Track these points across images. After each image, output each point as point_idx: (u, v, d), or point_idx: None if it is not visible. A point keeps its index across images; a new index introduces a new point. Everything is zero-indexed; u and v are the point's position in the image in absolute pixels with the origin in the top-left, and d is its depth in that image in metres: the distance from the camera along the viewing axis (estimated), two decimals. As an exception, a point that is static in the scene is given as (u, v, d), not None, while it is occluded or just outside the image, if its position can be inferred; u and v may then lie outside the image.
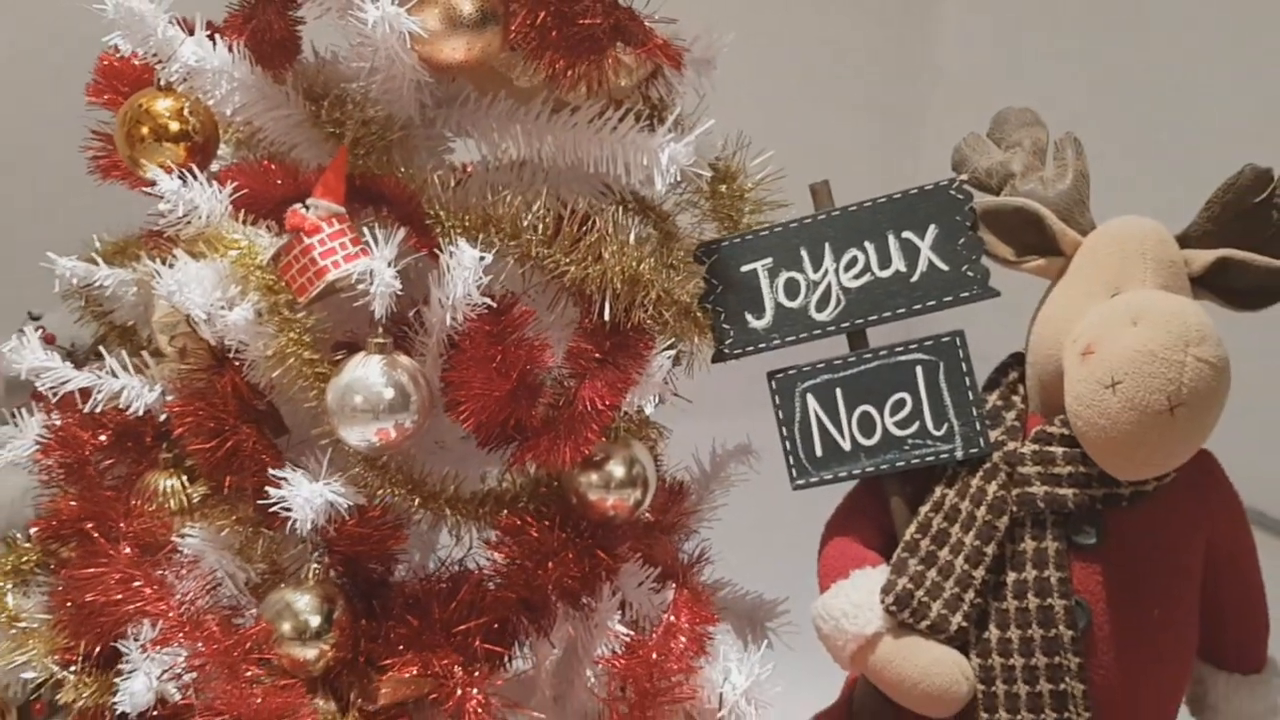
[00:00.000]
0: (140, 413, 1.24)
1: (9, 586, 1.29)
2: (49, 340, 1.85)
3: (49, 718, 1.37)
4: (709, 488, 1.49)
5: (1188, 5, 2.69)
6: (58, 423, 1.30)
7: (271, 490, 1.09)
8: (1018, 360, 1.22)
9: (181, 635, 1.12)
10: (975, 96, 2.81)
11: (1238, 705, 1.24)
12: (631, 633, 1.20)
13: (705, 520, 1.47)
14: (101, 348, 1.27)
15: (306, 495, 1.07)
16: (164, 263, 1.11)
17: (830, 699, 1.38)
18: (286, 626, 1.13)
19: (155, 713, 1.15)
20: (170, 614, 1.13)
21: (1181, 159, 1.10)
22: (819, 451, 1.23)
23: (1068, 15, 3.06)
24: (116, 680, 1.13)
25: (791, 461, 1.24)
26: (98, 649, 1.20)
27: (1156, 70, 2.69)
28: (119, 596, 1.15)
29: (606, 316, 1.16)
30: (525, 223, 1.15)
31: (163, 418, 1.25)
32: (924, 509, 1.18)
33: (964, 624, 1.13)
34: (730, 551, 1.47)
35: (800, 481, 1.24)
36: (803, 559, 1.32)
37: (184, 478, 1.24)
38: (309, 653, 1.13)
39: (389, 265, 1.07)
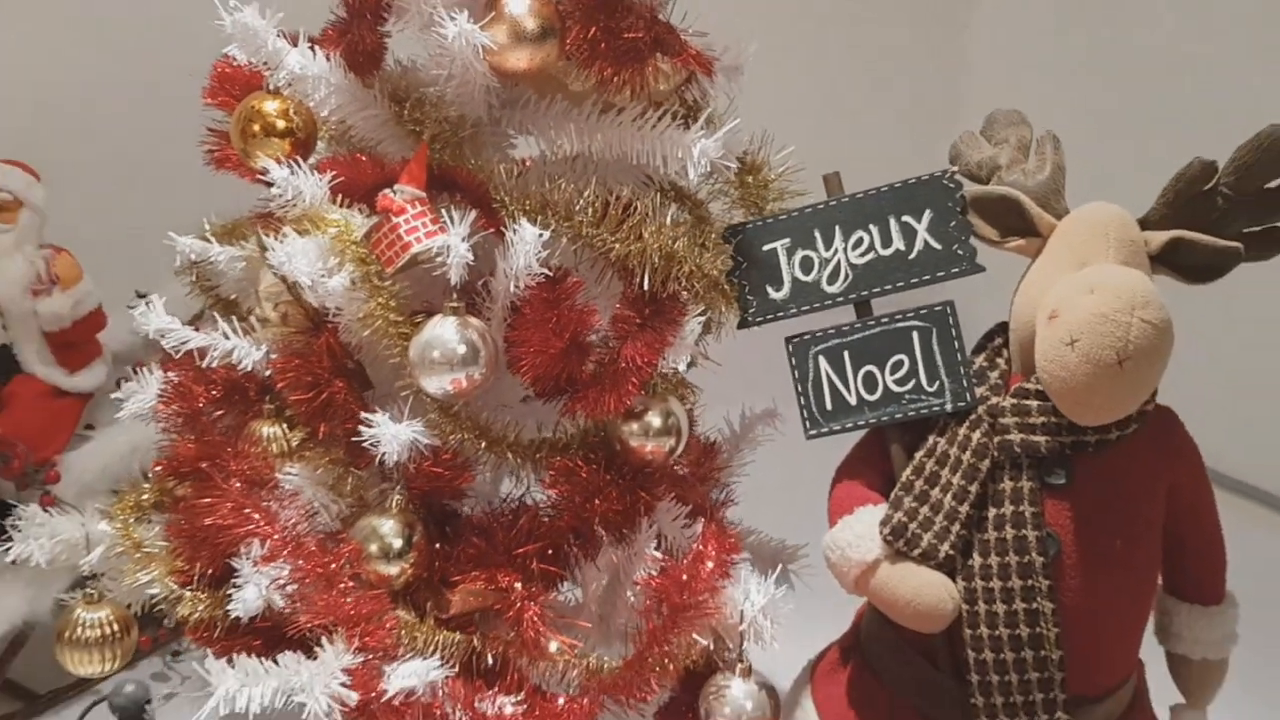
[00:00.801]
0: (247, 370, 1.46)
1: (132, 520, 1.50)
2: (153, 314, 2.09)
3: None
4: (738, 446, 1.68)
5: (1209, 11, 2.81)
6: (175, 379, 1.51)
7: (363, 430, 1.30)
8: (1002, 328, 1.40)
9: (285, 554, 1.32)
10: (1007, 97, 2.98)
11: (1197, 633, 1.42)
12: (666, 559, 1.39)
13: (735, 474, 1.66)
14: (216, 314, 1.47)
15: (393, 433, 1.28)
16: (275, 239, 1.31)
17: (843, 630, 1.57)
18: (374, 547, 1.33)
19: (260, 623, 1.36)
20: (275, 536, 1.33)
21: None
22: (829, 406, 1.42)
23: (1096, 18, 3.17)
24: (228, 594, 1.34)
25: (805, 415, 1.43)
26: (210, 570, 1.41)
27: (1176, 71, 2.82)
28: (232, 522, 1.35)
29: (646, 287, 1.36)
30: (577, 207, 1.35)
31: (265, 374, 1.46)
32: (919, 454, 1.36)
33: (951, 552, 1.31)
34: (758, 502, 1.66)
35: (813, 432, 1.43)
36: (818, 510, 1.50)
37: (284, 425, 1.45)
38: (392, 569, 1.34)
39: (463, 241, 1.28)
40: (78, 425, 2.01)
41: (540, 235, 1.29)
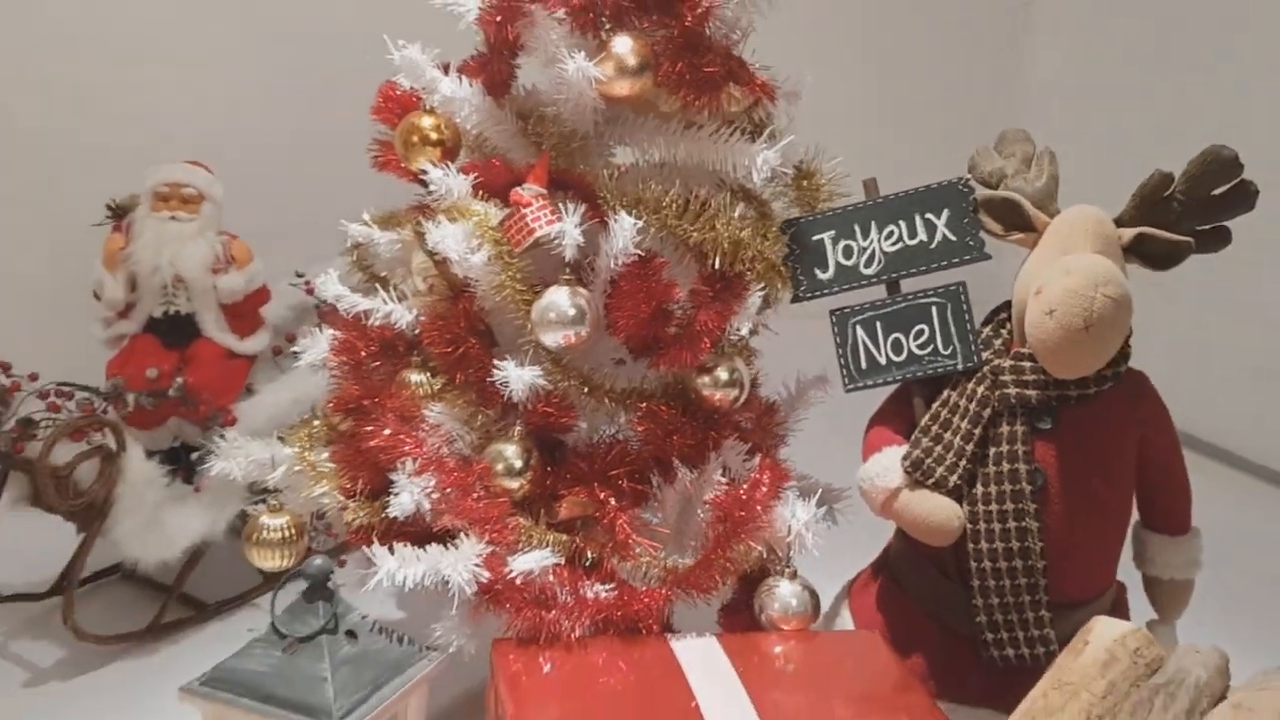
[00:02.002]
0: (400, 329, 1.83)
1: (307, 447, 1.88)
2: (310, 290, 2.49)
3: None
4: (794, 406, 2.01)
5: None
6: (341, 336, 1.89)
7: (495, 375, 1.66)
8: (1006, 305, 1.72)
9: (431, 470, 1.69)
10: (1062, 114, 3.26)
11: (1167, 558, 1.73)
12: (729, 484, 1.74)
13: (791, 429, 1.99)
14: (378, 286, 1.85)
15: (518, 375, 1.64)
16: (431, 225, 1.69)
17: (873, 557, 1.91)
18: (500, 466, 1.70)
19: (408, 528, 1.72)
20: (423, 457, 1.70)
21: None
22: (864, 365, 1.76)
23: (1151, 36, 3.38)
24: (385, 502, 1.71)
25: (844, 372, 1.77)
26: (368, 486, 1.79)
27: (1226, 86, 3.04)
28: (389, 445, 1.72)
29: (717, 268, 1.71)
30: (664, 203, 1.71)
31: (414, 333, 1.83)
32: (935, 405, 1.70)
33: (958, 482, 1.63)
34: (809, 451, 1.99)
35: (850, 386, 1.77)
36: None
37: (428, 374, 1.82)
38: (513, 484, 1.70)
39: (575, 228, 1.64)
40: (245, 383, 2.41)
41: (635, 224, 1.65)
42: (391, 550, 1.63)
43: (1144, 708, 1.25)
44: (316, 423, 1.93)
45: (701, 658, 1.59)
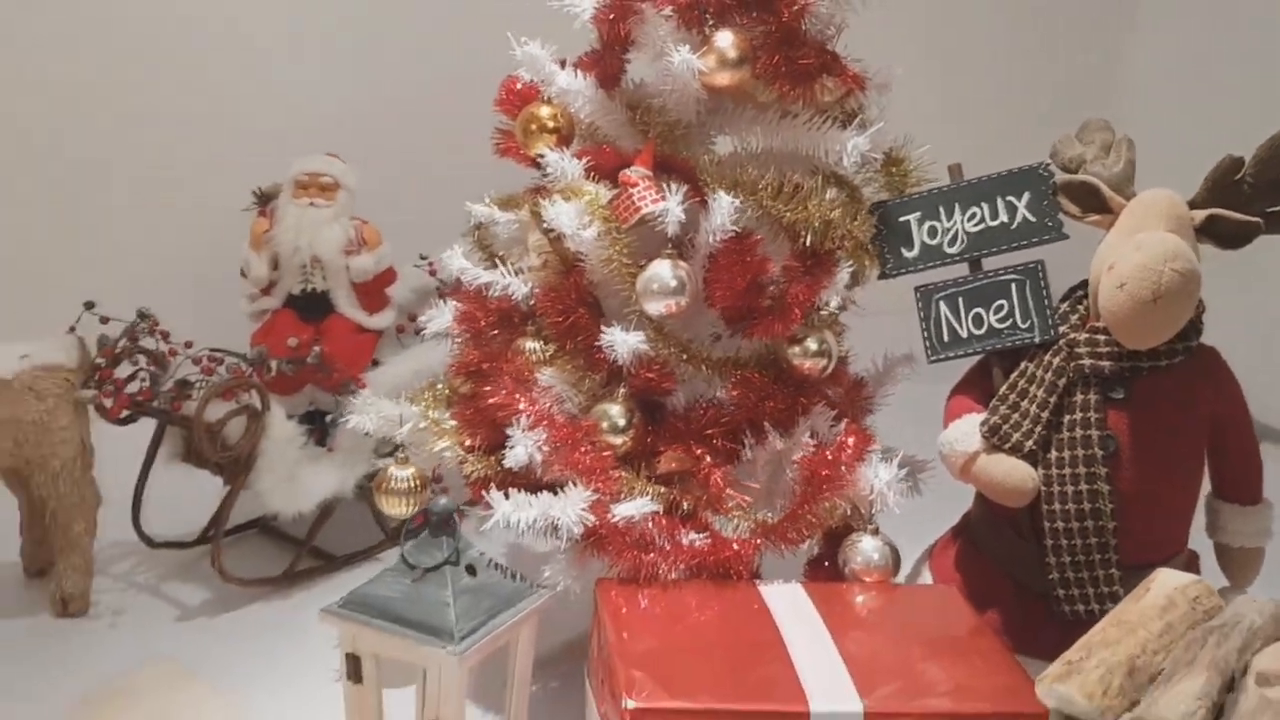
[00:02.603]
0: (516, 301, 2.01)
1: (431, 407, 2.07)
2: (433, 272, 2.69)
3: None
4: (882, 382, 2.13)
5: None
6: (463, 307, 2.08)
7: (602, 341, 1.82)
8: (1083, 284, 1.83)
9: (542, 426, 1.85)
10: (1161, 111, 3.30)
11: (1238, 526, 1.81)
12: (816, 445, 1.87)
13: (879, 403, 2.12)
14: (497, 263, 2.03)
15: (623, 340, 1.80)
16: (547, 205, 1.86)
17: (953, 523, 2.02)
18: (605, 424, 1.86)
19: (520, 479, 1.89)
20: (536, 414, 1.87)
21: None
22: (946, 338, 1.88)
23: (1248, 36, 3.41)
24: (500, 455, 1.88)
25: (927, 345, 1.90)
26: (485, 442, 1.97)
27: None
28: (506, 404, 1.89)
29: (809, 245, 1.85)
30: (760, 185, 1.85)
31: (529, 304, 2.00)
32: (1013, 375, 1.81)
33: (1033, 447, 1.74)
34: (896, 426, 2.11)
35: (933, 358, 1.90)
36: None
37: (541, 341, 1.99)
38: (617, 440, 1.86)
39: (678, 206, 1.80)
40: (372, 355, 2.62)
41: (733, 204, 1.80)
42: (507, 496, 1.81)
43: (1197, 644, 1.35)
44: (439, 386, 2.12)
45: (788, 601, 1.72)
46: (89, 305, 2.30)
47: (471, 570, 1.73)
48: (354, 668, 1.72)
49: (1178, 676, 1.29)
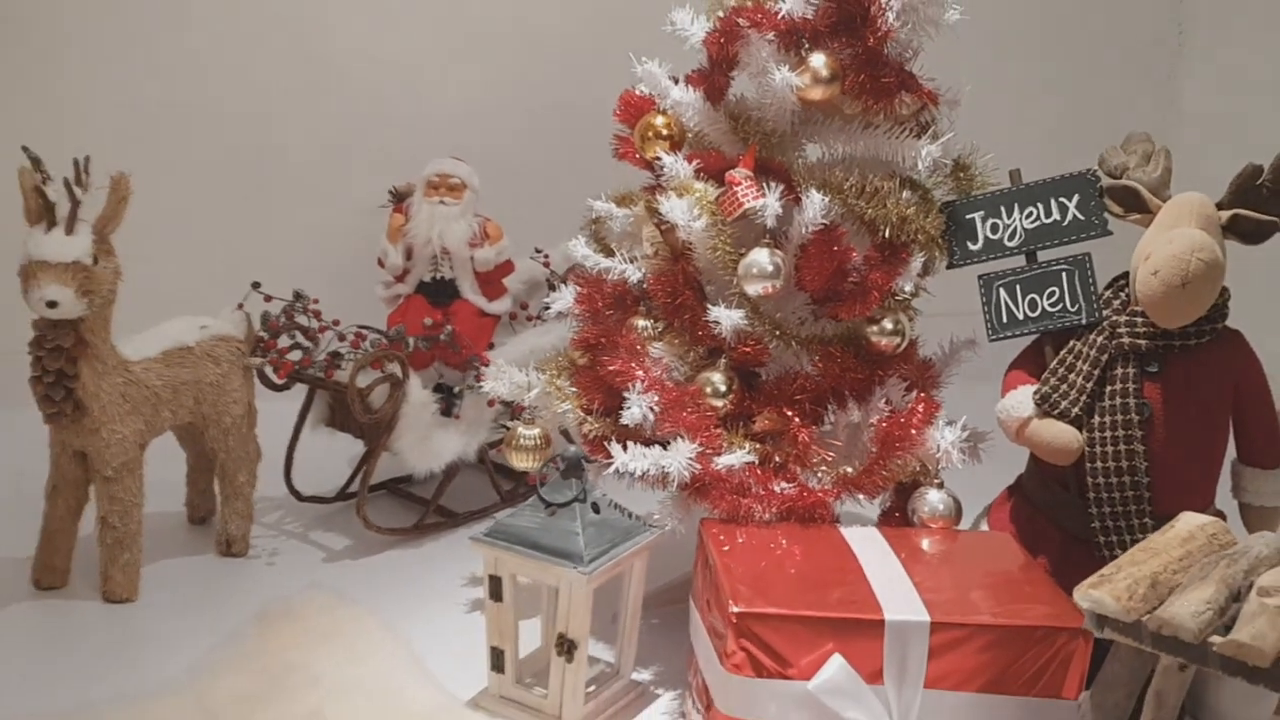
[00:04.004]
0: (630, 285, 2.32)
1: (555, 375, 2.38)
2: (547, 264, 3.03)
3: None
4: (948, 363, 2.41)
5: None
6: (582, 290, 2.39)
7: (708, 318, 2.13)
8: (1124, 274, 2.10)
9: (655, 390, 2.16)
10: (1216, 138, 3.55)
11: (1258, 487, 2.07)
12: (891, 410, 2.17)
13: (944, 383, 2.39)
14: (616, 249, 2.35)
15: (726, 316, 2.11)
16: (661, 201, 2.18)
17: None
18: (708, 389, 2.17)
19: (634, 436, 2.19)
20: (649, 380, 2.18)
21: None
22: (1005, 320, 2.17)
23: None
24: (617, 416, 2.19)
25: (989, 325, 2.18)
26: (602, 406, 2.28)
27: None
28: (623, 371, 2.21)
29: (886, 238, 2.14)
30: (846, 186, 2.15)
31: (641, 287, 2.31)
32: (1063, 352, 2.09)
33: (1079, 413, 2.02)
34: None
35: (994, 337, 2.18)
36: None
37: (652, 320, 2.30)
38: (718, 403, 2.16)
39: (775, 202, 2.11)
40: (491, 337, 2.95)
41: (822, 201, 2.10)
42: (625, 448, 2.12)
43: (1210, 565, 1.62)
44: (560, 358, 2.44)
45: (865, 539, 2.02)
46: (255, 285, 2.66)
47: (596, 508, 2.05)
48: (496, 588, 2.04)
49: (1191, 588, 1.56)
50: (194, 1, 3.30)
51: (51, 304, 2.15)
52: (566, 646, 1.98)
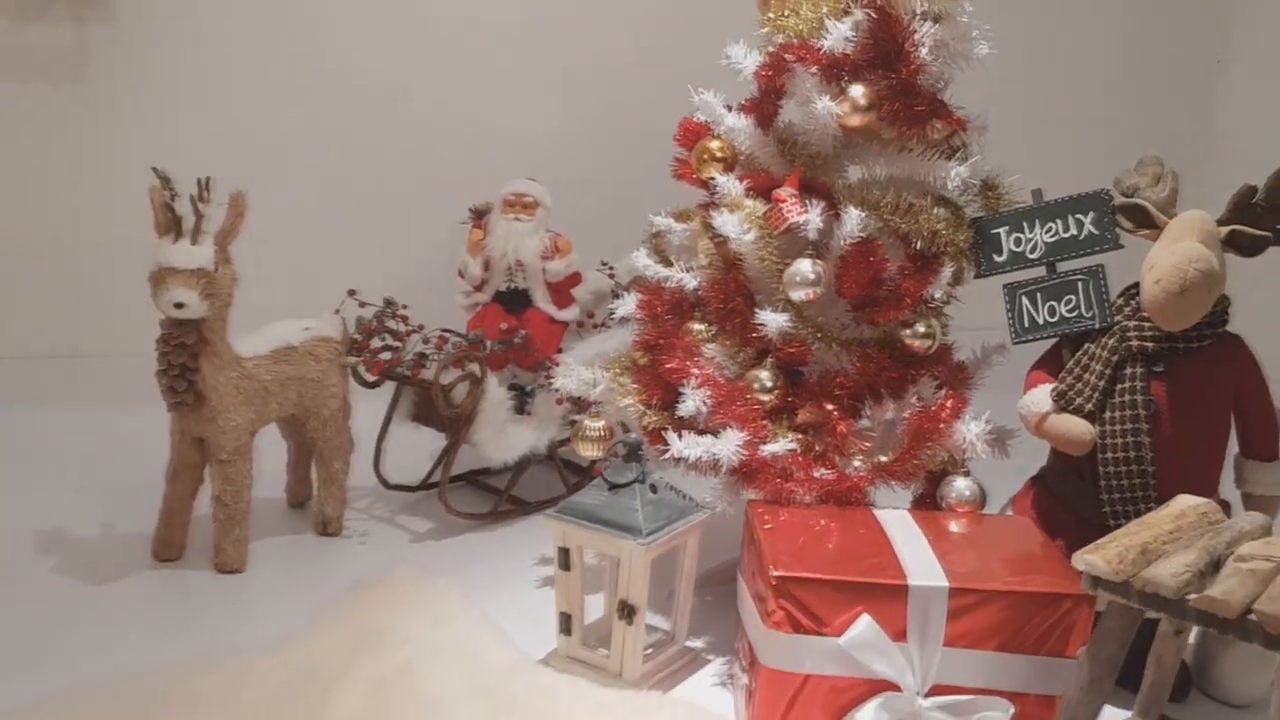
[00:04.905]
0: (686, 292, 2.57)
1: (618, 373, 2.64)
2: (612, 275, 3.29)
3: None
4: (979, 367, 2.63)
5: None
6: (643, 296, 2.65)
7: (756, 322, 2.38)
8: (1136, 283, 2.31)
9: (708, 385, 2.41)
10: (1252, 158, 3.73)
11: (1258, 478, 2.26)
12: (922, 406, 2.39)
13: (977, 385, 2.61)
14: (674, 260, 2.60)
15: (773, 319, 2.36)
16: (715, 217, 2.43)
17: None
18: (756, 385, 2.41)
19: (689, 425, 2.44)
20: (702, 376, 2.43)
21: None
22: (1026, 324, 2.39)
23: None
24: (673, 410, 2.44)
25: (1012, 330, 2.41)
26: (659, 401, 2.53)
27: None
28: (678, 368, 2.46)
29: (918, 250, 2.38)
30: (882, 203, 2.39)
31: (696, 294, 2.57)
32: (1078, 353, 2.30)
33: (1091, 409, 2.23)
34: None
35: (1017, 340, 2.41)
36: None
37: (706, 323, 2.55)
38: (765, 398, 2.40)
39: (817, 217, 2.35)
40: (560, 343, 3.22)
41: (860, 216, 2.34)
42: (680, 436, 2.37)
43: (1195, 536, 1.83)
44: (623, 358, 2.70)
45: (895, 519, 2.24)
46: (351, 293, 2.95)
47: (654, 489, 2.30)
48: (564, 558, 2.29)
49: (1175, 554, 1.77)
50: (297, 40, 3.67)
51: (179, 305, 2.45)
52: (627, 611, 2.23)
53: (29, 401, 3.54)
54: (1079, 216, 2.37)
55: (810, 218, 2.36)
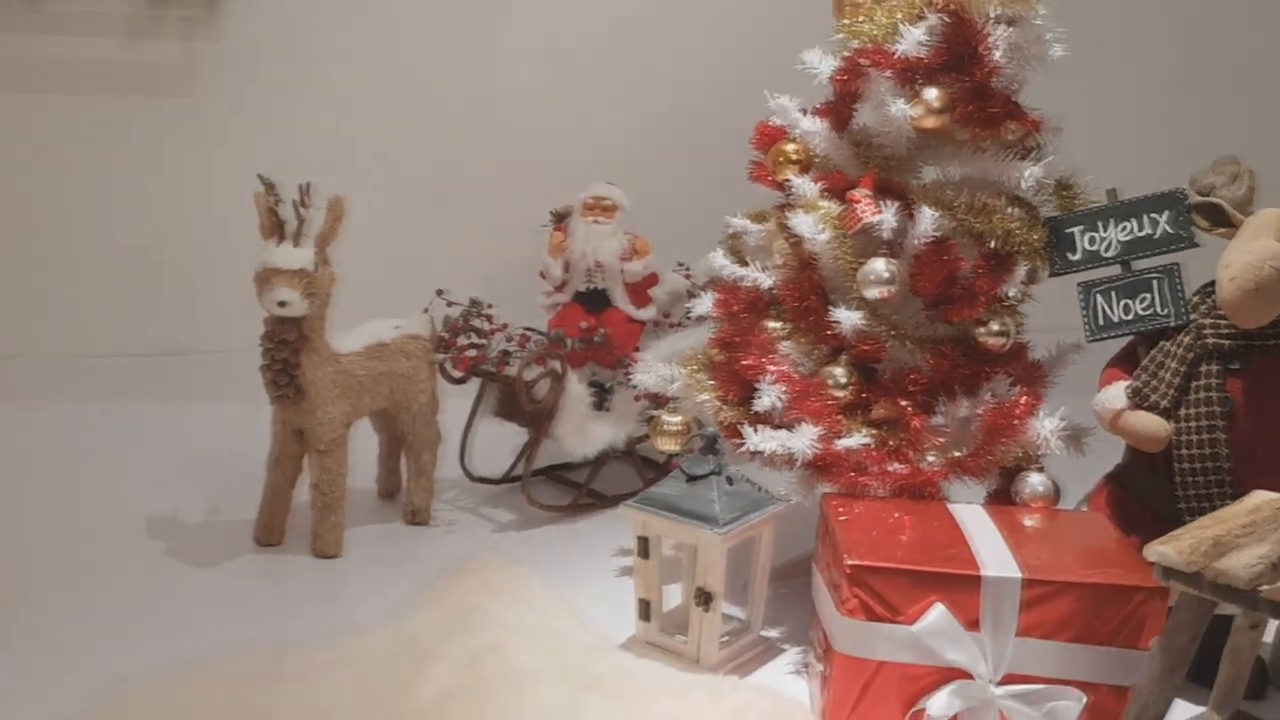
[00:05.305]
0: (761, 291, 2.64)
1: (695, 370, 2.72)
2: (688, 276, 3.37)
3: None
4: (1054, 367, 2.66)
5: None
6: (719, 295, 2.72)
7: (831, 320, 2.44)
8: (1212, 281, 2.32)
9: (783, 381, 2.47)
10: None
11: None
12: (996, 402, 2.43)
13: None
14: (750, 260, 2.67)
15: (847, 317, 2.42)
16: (791, 218, 2.50)
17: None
18: (830, 381, 2.47)
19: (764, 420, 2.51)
20: (778, 372, 2.49)
21: None
22: (1101, 323, 2.42)
23: None
24: (748, 405, 2.51)
25: (1087, 328, 2.44)
26: (735, 396, 2.59)
27: None
28: (755, 365, 2.53)
29: (993, 249, 2.42)
30: (956, 203, 2.44)
31: (772, 293, 2.63)
32: (1153, 351, 2.33)
33: (1167, 406, 2.25)
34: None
35: (1091, 338, 2.44)
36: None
37: (781, 322, 2.61)
38: (839, 394, 2.46)
39: (891, 217, 2.41)
40: (638, 342, 3.31)
41: (934, 216, 2.39)
42: (756, 430, 2.44)
43: (1269, 530, 1.85)
44: (700, 355, 2.77)
45: (969, 513, 2.28)
46: (439, 293, 3.07)
47: (730, 480, 2.37)
48: (644, 547, 2.37)
49: (1249, 547, 1.80)
50: (388, 54, 3.86)
51: (282, 304, 2.58)
52: (704, 598, 2.30)
53: (139, 396, 3.76)
54: (1154, 215, 2.39)
55: (885, 217, 2.42)
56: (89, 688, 2.16)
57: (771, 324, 2.62)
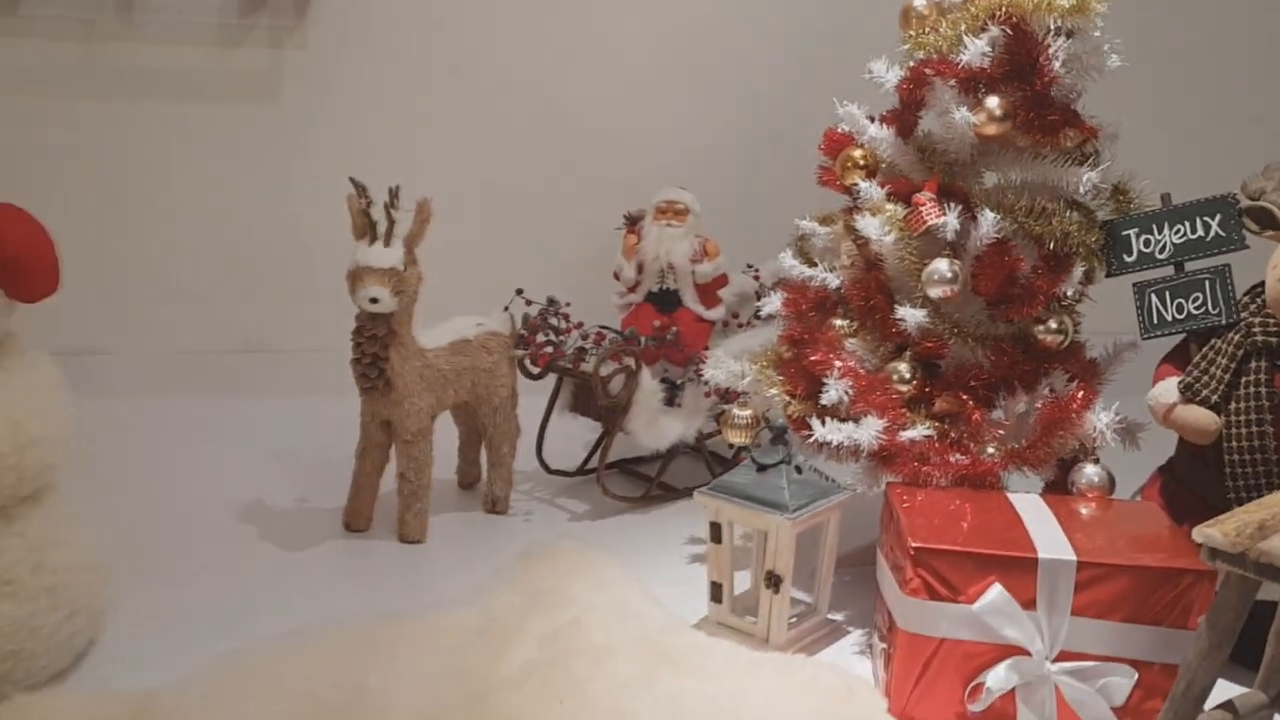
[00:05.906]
0: (829, 291, 2.77)
1: (764, 366, 2.85)
2: (757, 277, 3.51)
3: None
4: (1111, 364, 2.76)
5: None
6: (788, 295, 2.86)
7: (896, 318, 2.56)
8: (1261, 282, 2.41)
9: (849, 376, 2.60)
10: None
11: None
12: (1054, 397, 2.54)
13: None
14: (818, 261, 2.81)
15: (912, 315, 2.54)
16: (858, 220, 2.63)
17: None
18: (895, 377, 2.59)
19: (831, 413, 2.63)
20: (845, 368, 2.62)
21: None
22: (1155, 321, 2.52)
23: None
24: (816, 399, 2.64)
25: (1141, 326, 2.54)
26: (802, 391, 2.73)
27: None
28: (822, 360, 2.65)
29: (1051, 250, 2.53)
30: (1016, 206, 2.55)
31: (839, 292, 2.76)
32: (1205, 348, 2.43)
33: (1217, 400, 2.35)
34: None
35: (1146, 336, 2.54)
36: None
37: (848, 319, 2.74)
38: (903, 388, 2.58)
39: (955, 219, 2.53)
40: (708, 340, 3.45)
41: (995, 219, 2.51)
42: (823, 423, 2.57)
43: (1316, 516, 1.95)
44: (769, 352, 2.91)
45: (1026, 501, 2.40)
46: (519, 292, 3.23)
47: (799, 469, 2.50)
48: (716, 532, 2.51)
49: (1295, 530, 1.90)
50: (468, 60, 4.04)
51: (373, 300, 2.75)
52: (773, 581, 2.43)
53: (233, 391, 3.99)
54: (1206, 219, 2.49)
55: (948, 220, 2.54)
56: (196, 661, 2.30)
57: (838, 322, 2.74)
